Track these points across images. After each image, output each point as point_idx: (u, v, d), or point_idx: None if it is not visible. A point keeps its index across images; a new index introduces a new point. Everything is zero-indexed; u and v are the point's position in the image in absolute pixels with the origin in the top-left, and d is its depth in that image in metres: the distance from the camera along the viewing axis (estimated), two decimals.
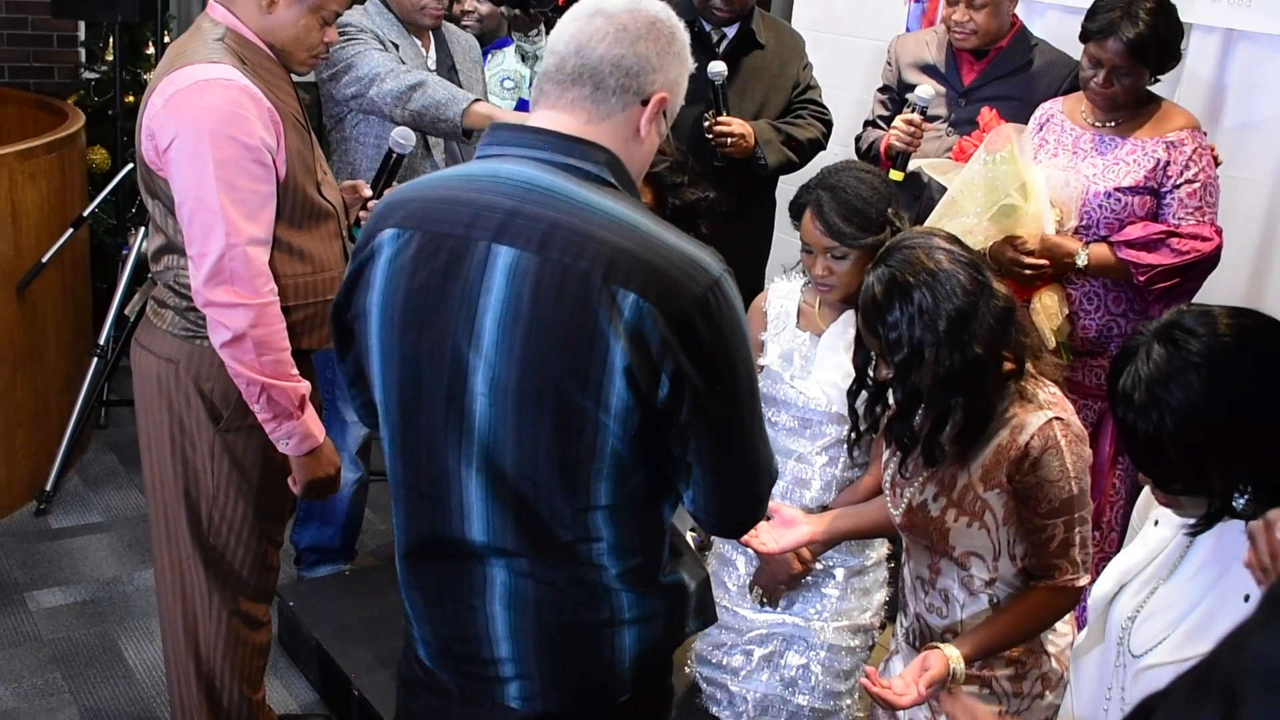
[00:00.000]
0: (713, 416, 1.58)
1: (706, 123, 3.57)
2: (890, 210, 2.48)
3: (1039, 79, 3.66)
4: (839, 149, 4.04)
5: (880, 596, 2.74)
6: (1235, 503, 1.59)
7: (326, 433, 2.55)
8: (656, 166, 2.66)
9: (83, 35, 5.71)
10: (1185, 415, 1.57)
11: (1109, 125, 3.27)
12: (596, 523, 1.62)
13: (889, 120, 3.68)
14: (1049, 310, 3.24)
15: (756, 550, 2.49)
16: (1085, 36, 3.17)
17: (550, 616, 1.68)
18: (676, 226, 2.67)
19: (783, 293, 2.71)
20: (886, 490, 2.31)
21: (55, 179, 4.28)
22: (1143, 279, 3.15)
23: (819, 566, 2.65)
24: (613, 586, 1.67)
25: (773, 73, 3.82)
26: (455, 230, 1.59)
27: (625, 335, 1.51)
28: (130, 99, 5.16)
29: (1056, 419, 2.09)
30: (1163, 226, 3.16)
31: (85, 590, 3.84)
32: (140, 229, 4.57)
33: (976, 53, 3.69)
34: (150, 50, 5.46)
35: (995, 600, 2.20)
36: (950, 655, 2.11)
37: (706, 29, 3.76)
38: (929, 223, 3.11)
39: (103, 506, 4.35)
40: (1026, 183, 3.16)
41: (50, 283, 4.27)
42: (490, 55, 4.00)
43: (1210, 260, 3.17)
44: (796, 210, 2.55)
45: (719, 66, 3.52)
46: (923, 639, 2.29)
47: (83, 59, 5.71)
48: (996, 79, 3.67)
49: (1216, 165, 3.23)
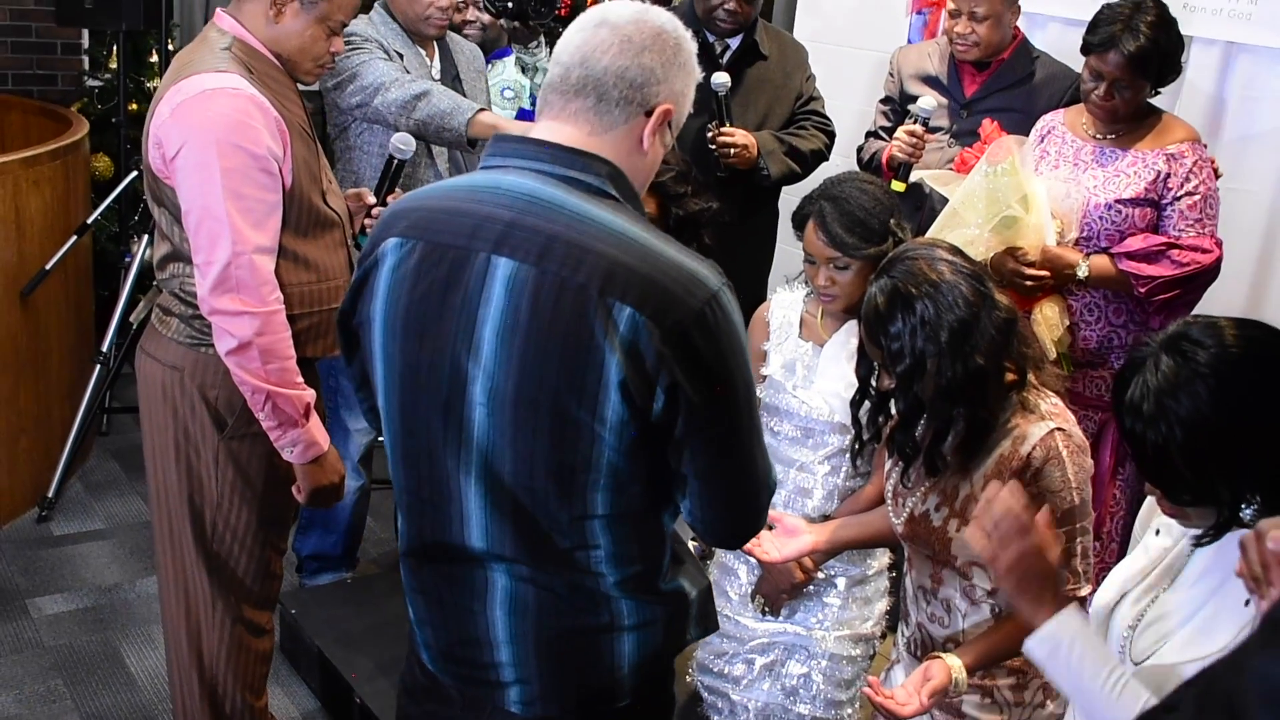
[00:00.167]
0: (709, 430, 1.59)
1: (710, 133, 3.58)
2: (892, 221, 2.50)
3: (1040, 91, 3.67)
4: (840, 160, 4.05)
5: (882, 606, 2.75)
6: (1243, 513, 1.60)
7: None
8: (660, 176, 2.68)
9: (86, 43, 5.72)
10: (1194, 425, 1.58)
11: (1110, 137, 3.28)
12: (594, 531, 1.63)
13: (891, 131, 3.70)
14: (1050, 321, 3.25)
15: (759, 559, 2.50)
16: (1086, 49, 3.19)
17: (550, 621, 1.69)
18: (680, 236, 2.72)
19: (785, 303, 2.72)
20: (888, 500, 2.32)
21: (59, 186, 4.30)
22: (1143, 290, 3.16)
23: (821, 576, 2.66)
24: (611, 594, 1.68)
25: (776, 84, 3.83)
26: (456, 241, 1.60)
27: (620, 349, 1.52)
28: (134, 107, 5.17)
29: (1058, 429, 2.10)
30: (1163, 238, 3.17)
31: (87, 597, 3.84)
32: (143, 237, 4.59)
33: (978, 65, 3.71)
34: (154, 58, 5.46)
35: (997, 610, 2.20)
36: (952, 665, 2.11)
37: (710, 40, 3.78)
38: (930, 234, 3.12)
39: (105, 513, 4.35)
40: (1027, 194, 3.17)
41: (53, 290, 4.29)
42: (490, 65, 4.02)
43: (1210, 272, 3.18)
44: (799, 221, 2.56)
45: (722, 77, 3.54)
46: (924, 648, 2.30)
47: (86, 66, 5.71)
48: (998, 91, 3.69)
49: (1217, 178, 3.25)
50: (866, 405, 2.38)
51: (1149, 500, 1.86)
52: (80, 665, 3.51)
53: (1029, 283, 3.18)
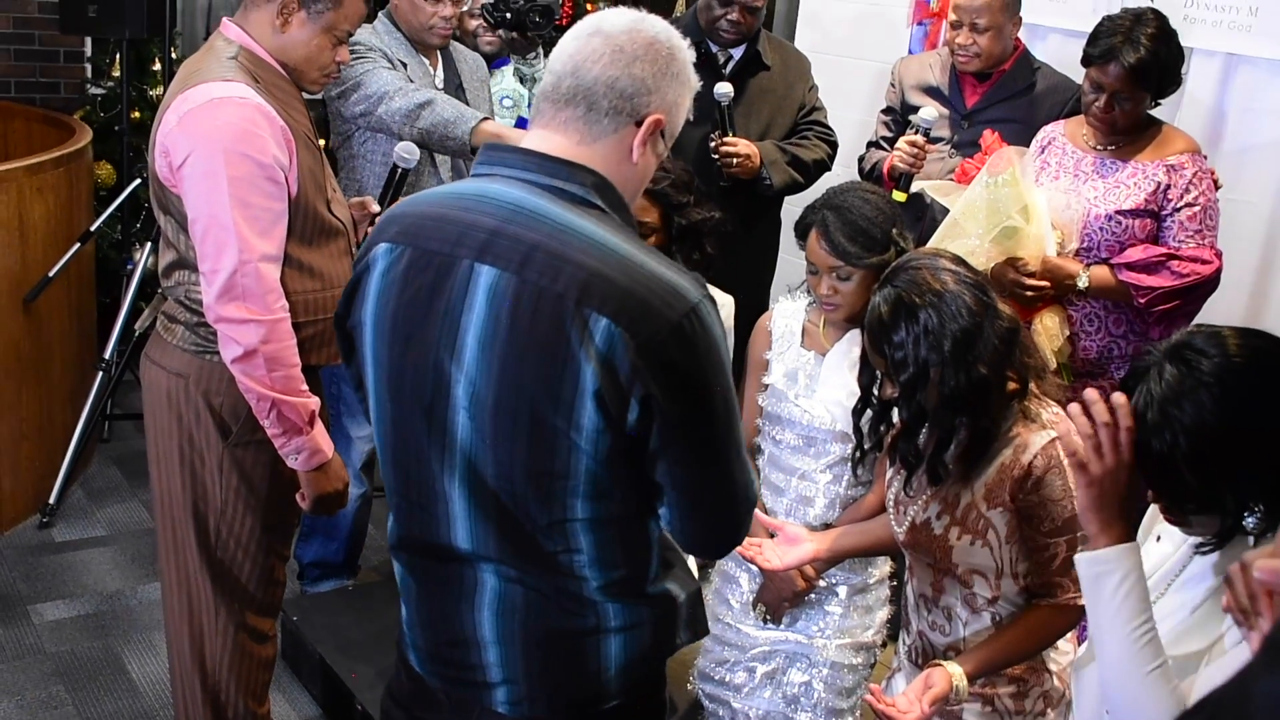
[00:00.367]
0: (685, 442, 1.60)
1: (712, 143, 3.60)
2: (895, 230, 2.51)
3: (1041, 102, 3.69)
4: (842, 170, 4.07)
5: (882, 614, 2.76)
6: (1245, 521, 1.61)
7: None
8: (662, 186, 2.69)
9: (89, 51, 5.74)
10: (1197, 433, 1.60)
11: (1110, 149, 3.29)
12: (575, 535, 1.64)
13: (892, 141, 3.71)
14: (1050, 331, 3.26)
15: (760, 567, 2.51)
16: (1087, 61, 3.20)
17: (537, 623, 1.70)
18: (682, 246, 2.74)
19: (787, 312, 2.73)
20: (890, 508, 2.33)
21: (62, 193, 4.31)
22: (1143, 301, 3.17)
23: (822, 584, 2.67)
24: (595, 598, 1.69)
25: (779, 94, 3.85)
26: (442, 248, 1.62)
27: (596, 359, 1.53)
28: (136, 115, 5.19)
29: (1059, 439, 2.11)
30: (1163, 249, 3.18)
31: (89, 603, 3.85)
32: (145, 244, 4.60)
33: (979, 75, 3.73)
34: (157, 66, 5.47)
35: (998, 618, 2.21)
36: (953, 672, 2.12)
37: (713, 50, 3.79)
38: (931, 244, 3.13)
39: (106, 520, 4.36)
40: (1028, 205, 3.18)
41: (56, 297, 4.30)
42: (490, 74, 4.03)
43: (1210, 283, 3.19)
44: (802, 230, 2.58)
45: (725, 87, 3.56)
46: (925, 656, 2.30)
47: (89, 74, 5.73)
48: (999, 102, 3.71)
49: (1216, 189, 3.26)
50: (868, 414, 2.39)
51: (1151, 508, 1.87)
52: (82, 672, 3.51)
53: (1029, 293, 3.20)
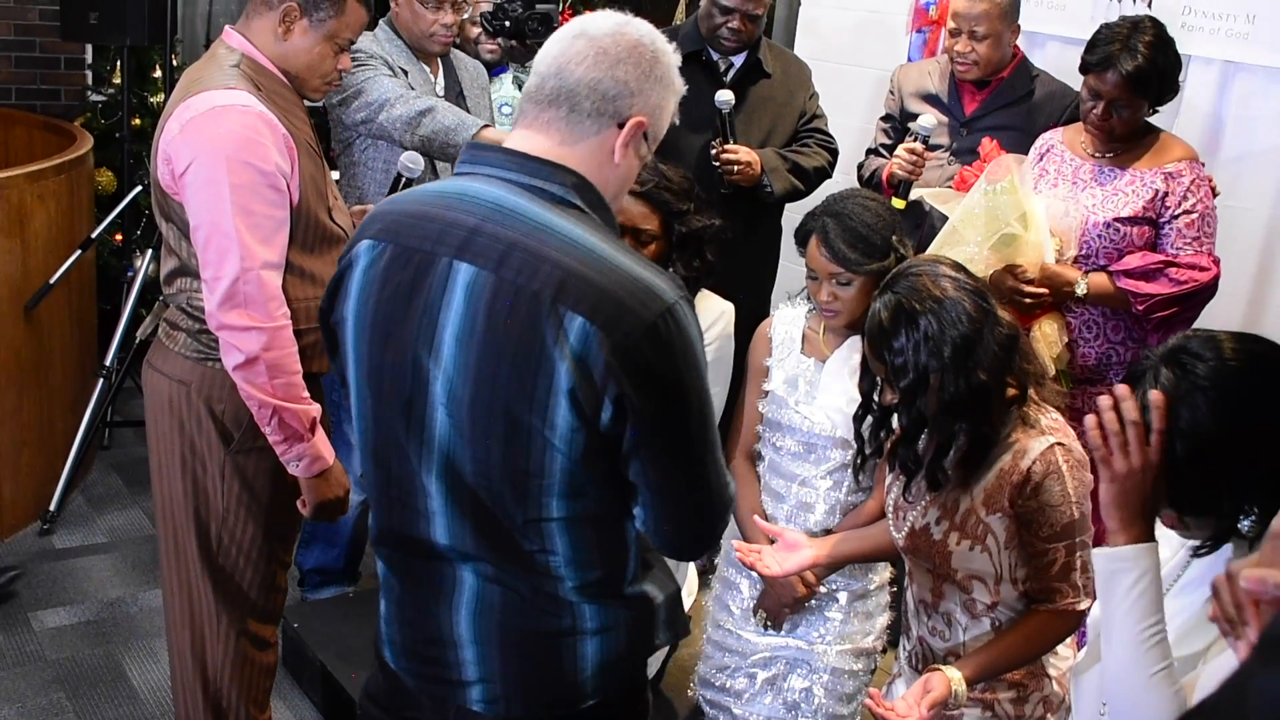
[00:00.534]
0: (659, 442, 1.60)
1: (713, 150, 3.60)
2: (895, 237, 2.52)
3: (1040, 110, 3.70)
4: (841, 177, 4.07)
5: (883, 620, 2.76)
6: (1240, 524, 1.62)
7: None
8: (661, 191, 2.70)
9: (90, 58, 5.74)
10: (1193, 437, 1.60)
11: (1108, 156, 3.30)
12: (550, 534, 1.65)
13: (891, 149, 3.72)
14: (1048, 338, 3.27)
15: (760, 573, 2.52)
16: (1085, 69, 3.21)
17: (513, 622, 1.71)
18: (682, 253, 2.74)
19: (787, 319, 2.74)
20: (889, 514, 2.34)
21: (63, 200, 4.32)
22: (1141, 308, 3.18)
23: (823, 590, 2.67)
24: (571, 598, 1.69)
25: (779, 102, 3.86)
26: (423, 246, 1.64)
27: (570, 358, 1.54)
28: (137, 122, 5.20)
29: (1058, 444, 2.12)
30: (1161, 256, 3.19)
31: (89, 610, 3.85)
32: (145, 251, 4.60)
33: (978, 83, 3.74)
34: (158, 73, 5.48)
35: (997, 623, 2.22)
36: (952, 677, 2.13)
37: (714, 58, 3.80)
38: (930, 251, 3.14)
39: (106, 527, 4.36)
40: (1027, 212, 3.19)
41: (57, 304, 4.30)
42: (490, 82, 4.04)
43: (1208, 290, 3.20)
44: (802, 237, 2.58)
45: (726, 95, 3.56)
46: (925, 661, 2.31)
47: (90, 81, 5.73)
48: (998, 109, 3.72)
49: (1214, 196, 3.27)
50: (869, 420, 2.39)
51: None
52: (83, 678, 3.51)
53: (1028, 300, 3.20)
